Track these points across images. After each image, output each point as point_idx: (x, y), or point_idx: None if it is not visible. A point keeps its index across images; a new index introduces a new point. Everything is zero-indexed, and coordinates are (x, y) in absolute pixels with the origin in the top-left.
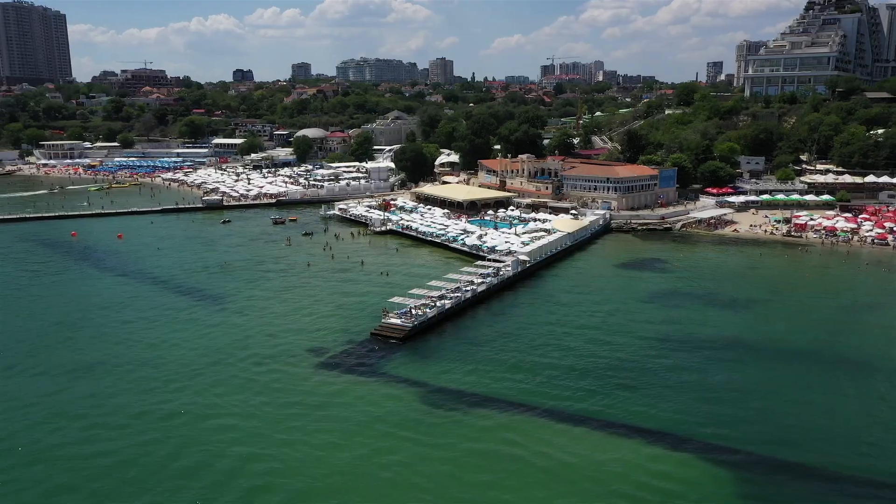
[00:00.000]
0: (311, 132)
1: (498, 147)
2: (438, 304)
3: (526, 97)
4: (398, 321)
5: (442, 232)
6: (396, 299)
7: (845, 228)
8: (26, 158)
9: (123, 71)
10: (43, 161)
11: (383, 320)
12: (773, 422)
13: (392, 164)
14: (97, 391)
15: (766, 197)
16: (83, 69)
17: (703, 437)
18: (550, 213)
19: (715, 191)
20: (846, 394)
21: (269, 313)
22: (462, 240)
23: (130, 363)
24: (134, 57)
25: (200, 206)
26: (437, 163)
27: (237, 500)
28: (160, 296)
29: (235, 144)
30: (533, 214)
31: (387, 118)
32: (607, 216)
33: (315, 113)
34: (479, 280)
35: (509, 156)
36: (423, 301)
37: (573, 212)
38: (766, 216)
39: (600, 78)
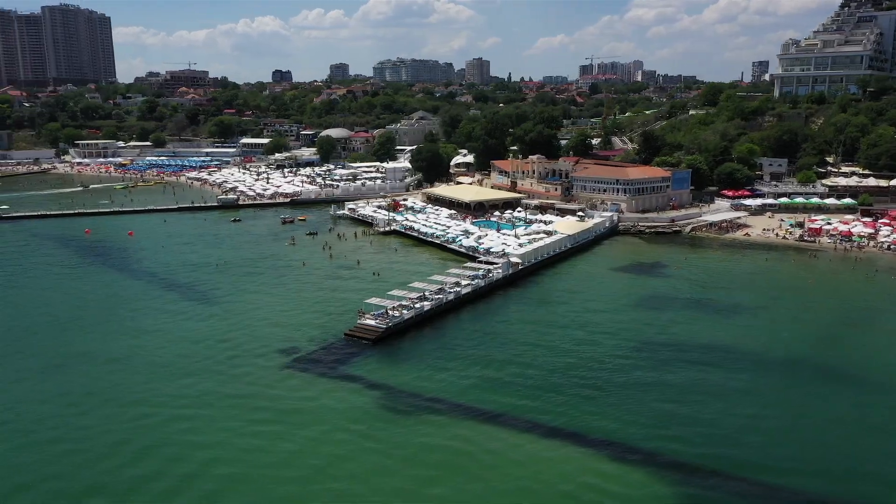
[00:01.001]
0: (335, 132)
1: (515, 148)
2: (417, 305)
3: (557, 97)
4: (372, 322)
5: (442, 233)
6: (373, 300)
7: (862, 233)
8: (62, 157)
9: (168, 72)
10: (77, 160)
11: (358, 321)
12: (733, 433)
13: (409, 165)
14: (66, 387)
15: (784, 200)
16: (135, 70)
17: (656, 447)
18: (557, 215)
19: (731, 193)
20: (821, 406)
21: (253, 312)
22: (460, 241)
23: (105, 358)
24: (184, 58)
25: (216, 205)
26: (452, 163)
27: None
28: (151, 292)
29: (262, 144)
30: (539, 216)
31: (411, 118)
32: (615, 218)
33: (343, 113)
34: (466, 282)
35: (520, 157)
36: (402, 302)
37: (580, 213)
38: (782, 220)
39: (639, 78)
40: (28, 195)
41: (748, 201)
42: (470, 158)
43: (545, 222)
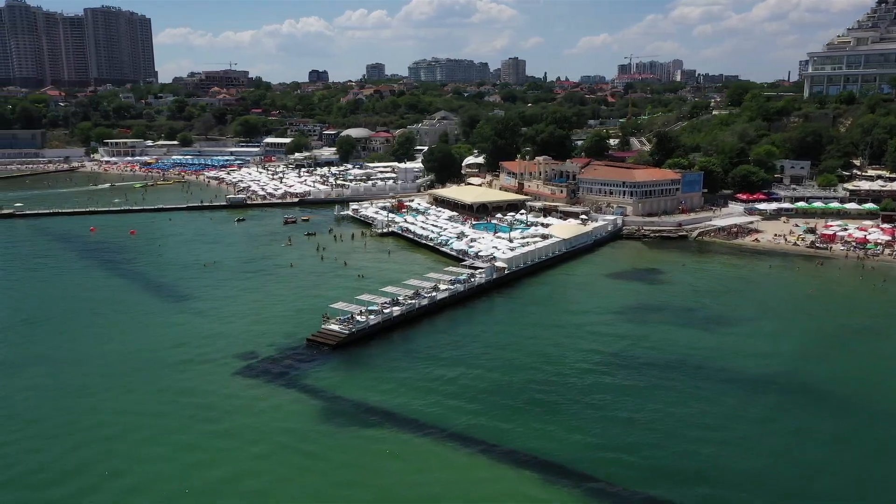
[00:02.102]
0: (355, 132)
1: (529, 149)
2: (387, 311)
3: (587, 97)
4: (336, 327)
5: (435, 235)
6: (339, 305)
7: (878, 241)
8: (91, 156)
9: (204, 72)
10: (106, 158)
11: (322, 326)
12: (693, 458)
13: (422, 165)
14: (12, 390)
15: (801, 204)
16: (182, 71)
17: (599, 466)
18: (561, 218)
19: (745, 197)
20: (791, 432)
21: (224, 314)
22: (451, 244)
23: (62, 360)
24: (231, 59)
25: (224, 204)
26: (464, 164)
27: None
28: (130, 292)
29: (284, 144)
30: (542, 219)
31: (433, 118)
32: (618, 222)
33: (368, 113)
34: (444, 287)
35: (527, 158)
36: (371, 307)
37: (583, 216)
38: (797, 225)
39: (678, 77)
40: (49, 193)
41: (762, 205)
42: (482, 159)
43: (544, 225)
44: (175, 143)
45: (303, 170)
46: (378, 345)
